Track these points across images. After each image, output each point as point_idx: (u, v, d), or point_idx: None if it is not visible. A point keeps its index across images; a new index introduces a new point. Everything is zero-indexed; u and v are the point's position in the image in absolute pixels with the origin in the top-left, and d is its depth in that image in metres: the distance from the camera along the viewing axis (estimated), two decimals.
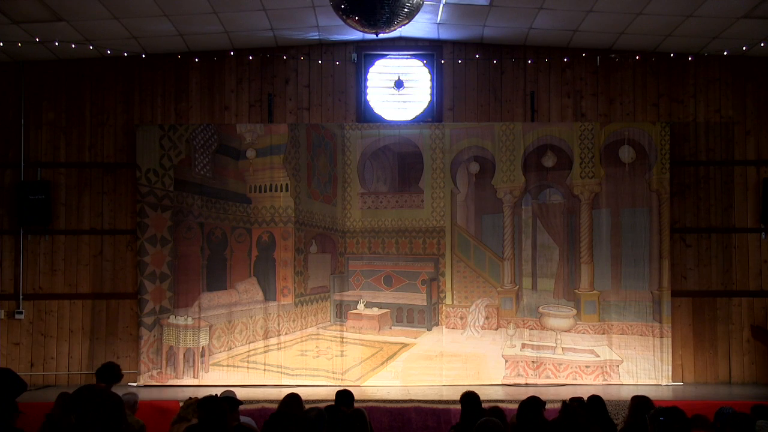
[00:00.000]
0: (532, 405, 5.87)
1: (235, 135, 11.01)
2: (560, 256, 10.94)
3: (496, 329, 10.86)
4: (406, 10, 7.02)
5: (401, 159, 11.11)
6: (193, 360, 10.70)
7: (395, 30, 7.80)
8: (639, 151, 10.89)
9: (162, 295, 10.75)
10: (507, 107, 11.18)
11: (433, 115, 11.26)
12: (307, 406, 6.41)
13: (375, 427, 8.40)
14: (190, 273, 10.83)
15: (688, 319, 10.91)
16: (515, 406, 5.98)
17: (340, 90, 11.24)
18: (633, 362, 10.66)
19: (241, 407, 6.45)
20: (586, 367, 10.72)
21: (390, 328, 10.98)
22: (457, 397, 6.74)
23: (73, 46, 10.37)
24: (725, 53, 10.82)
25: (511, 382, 10.62)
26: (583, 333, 10.81)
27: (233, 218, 10.99)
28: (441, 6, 9.84)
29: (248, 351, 10.79)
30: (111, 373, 6.85)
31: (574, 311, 10.85)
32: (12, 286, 10.93)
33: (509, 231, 10.96)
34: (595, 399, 6.58)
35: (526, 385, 10.52)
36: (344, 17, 7.24)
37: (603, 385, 10.55)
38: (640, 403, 6.22)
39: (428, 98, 11.33)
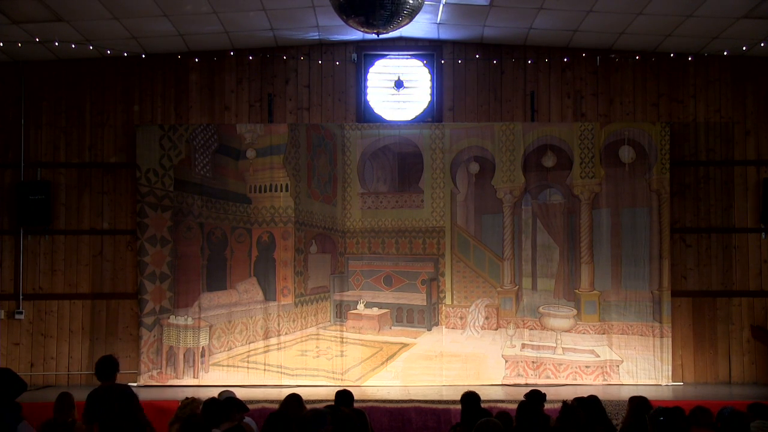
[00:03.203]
0: (533, 399, 5.89)
1: (235, 135, 11.01)
2: (560, 256, 10.94)
3: (496, 329, 10.85)
4: (406, 10, 7.02)
5: (401, 159, 11.10)
6: (193, 360, 10.70)
7: (395, 30, 7.80)
8: (639, 151, 10.89)
9: (162, 295, 10.75)
10: (507, 107, 11.18)
11: (433, 115, 11.25)
12: (307, 406, 6.41)
13: (375, 427, 8.39)
14: (190, 273, 10.83)
15: (688, 319, 10.90)
16: (515, 406, 5.99)
17: (340, 90, 11.24)
18: (633, 362, 10.66)
19: None
20: (586, 367, 10.72)
21: (390, 328, 10.98)
22: (457, 397, 6.74)
23: (73, 46, 10.37)
24: (725, 53, 10.82)
25: (511, 382, 10.62)
26: (584, 333, 10.81)
27: (233, 218, 10.99)
28: (441, 6, 9.83)
29: (248, 351, 10.80)
30: (108, 367, 6.70)
31: (575, 311, 10.85)
32: (12, 286, 10.93)
33: (509, 231, 10.96)
34: (592, 399, 6.58)
35: (526, 385, 10.46)
36: (344, 17, 7.25)
37: (603, 385, 10.55)
38: (639, 403, 6.23)
39: (428, 98, 11.32)
